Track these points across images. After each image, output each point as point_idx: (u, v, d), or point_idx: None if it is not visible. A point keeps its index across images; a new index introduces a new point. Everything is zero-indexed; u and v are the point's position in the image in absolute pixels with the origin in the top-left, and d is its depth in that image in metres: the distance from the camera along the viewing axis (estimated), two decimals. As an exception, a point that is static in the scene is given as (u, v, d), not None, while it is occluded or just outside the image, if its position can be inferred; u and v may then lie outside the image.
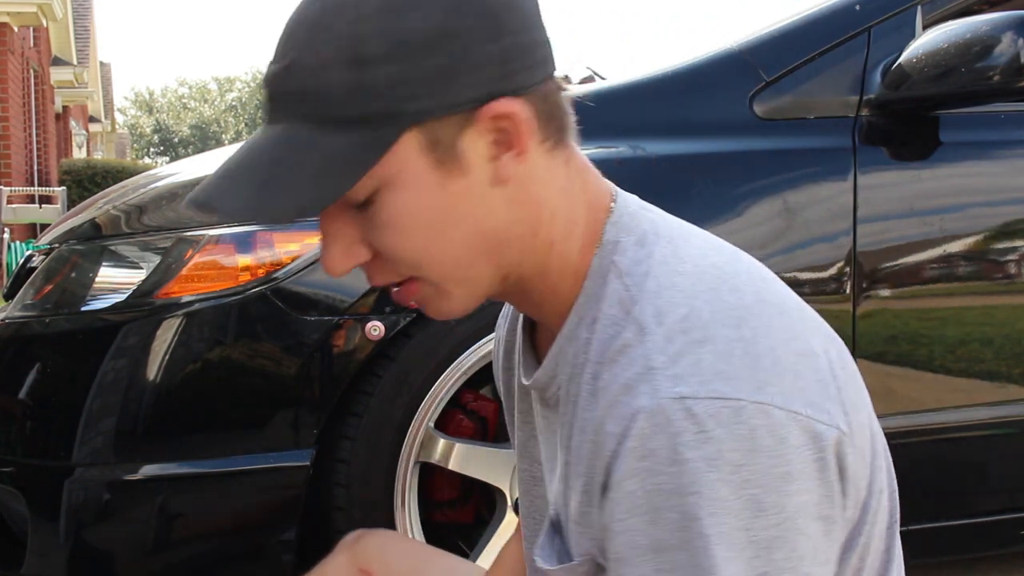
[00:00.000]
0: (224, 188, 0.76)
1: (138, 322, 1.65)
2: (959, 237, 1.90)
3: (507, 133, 0.77)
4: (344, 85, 0.74)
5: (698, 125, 1.85)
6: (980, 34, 1.75)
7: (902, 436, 1.91)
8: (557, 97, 0.82)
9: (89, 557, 1.65)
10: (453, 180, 0.77)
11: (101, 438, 1.63)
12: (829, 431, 0.73)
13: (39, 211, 11.19)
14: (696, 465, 0.70)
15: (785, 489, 0.71)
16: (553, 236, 0.82)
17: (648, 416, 0.71)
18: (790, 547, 0.71)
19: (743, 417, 0.70)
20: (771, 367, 0.73)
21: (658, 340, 0.74)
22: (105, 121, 29.33)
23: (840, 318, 1.82)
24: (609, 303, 0.79)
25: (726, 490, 0.70)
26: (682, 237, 0.83)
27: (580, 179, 0.85)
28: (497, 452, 1.78)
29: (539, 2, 0.82)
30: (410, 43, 0.73)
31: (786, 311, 0.78)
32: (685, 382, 0.71)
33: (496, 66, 0.75)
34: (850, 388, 0.79)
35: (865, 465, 0.79)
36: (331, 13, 0.75)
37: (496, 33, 0.75)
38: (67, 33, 17.16)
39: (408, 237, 0.78)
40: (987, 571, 2.31)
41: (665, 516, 0.71)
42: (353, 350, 1.65)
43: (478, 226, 0.78)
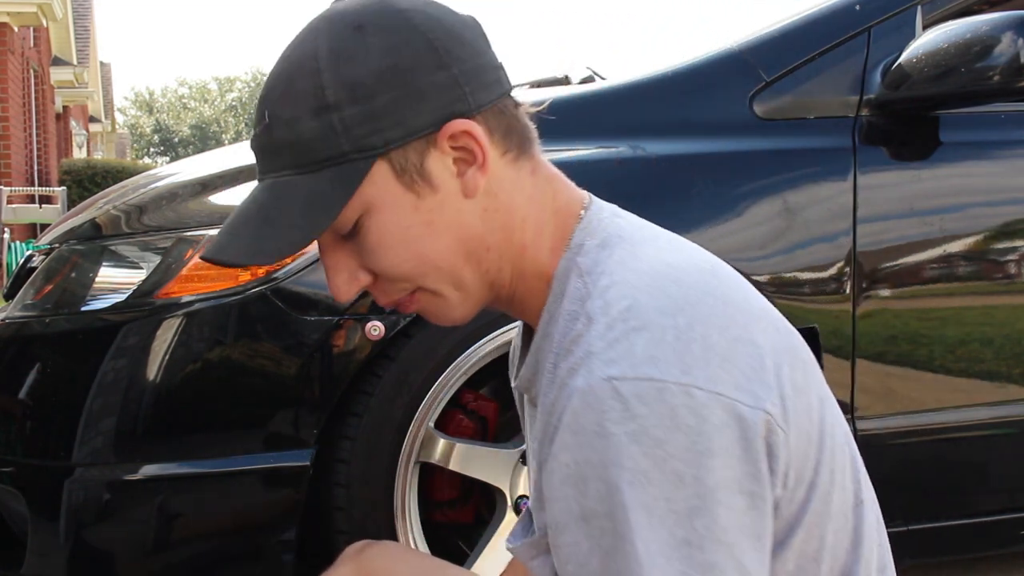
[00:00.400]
0: (226, 242, 0.87)
1: (138, 322, 1.65)
2: (959, 237, 1.90)
3: (467, 149, 0.86)
4: (313, 132, 0.84)
5: (698, 125, 1.85)
6: (980, 34, 1.75)
7: (902, 436, 1.91)
8: (515, 113, 0.91)
9: (89, 557, 1.65)
10: (426, 198, 0.86)
11: (101, 438, 1.63)
12: (755, 413, 0.78)
13: (39, 211, 11.19)
14: (620, 439, 0.76)
15: (705, 464, 0.76)
16: (525, 241, 0.90)
17: (581, 395, 0.78)
18: (710, 517, 0.76)
19: (665, 397, 0.76)
20: (700, 352, 0.79)
21: (600, 328, 0.81)
22: (105, 121, 29.33)
23: (840, 318, 1.82)
24: (569, 300, 0.87)
25: (647, 463, 0.76)
26: (646, 240, 0.90)
27: (549, 187, 0.93)
28: (497, 452, 1.78)
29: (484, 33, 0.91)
30: (363, 85, 0.83)
31: (731, 303, 0.83)
32: (617, 365, 0.78)
33: (446, 92, 0.85)
34: (797, 374, 0.84)
35: (811, 446, 0.84)
36: (294, 71, 0.85)
37: (440, 63, 0.84)
38: (67, 33, 17.16)
39: (397, 253, 0.87)
40: (987, 571, 2.31)
41: (592, 486, 0.78)
42: (353, 350, 1.65)
43: (458, 235, 0.88)
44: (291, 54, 0.87)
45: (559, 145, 1.76)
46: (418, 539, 1.76)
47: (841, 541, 0.88)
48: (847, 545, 0.89)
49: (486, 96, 0.87)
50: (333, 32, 0.85)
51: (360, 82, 0.83)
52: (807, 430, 0.83)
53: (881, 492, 1.04)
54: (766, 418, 0.79)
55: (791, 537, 0.84)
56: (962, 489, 2.01)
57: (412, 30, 0.84)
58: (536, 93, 2.00)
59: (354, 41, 0.84)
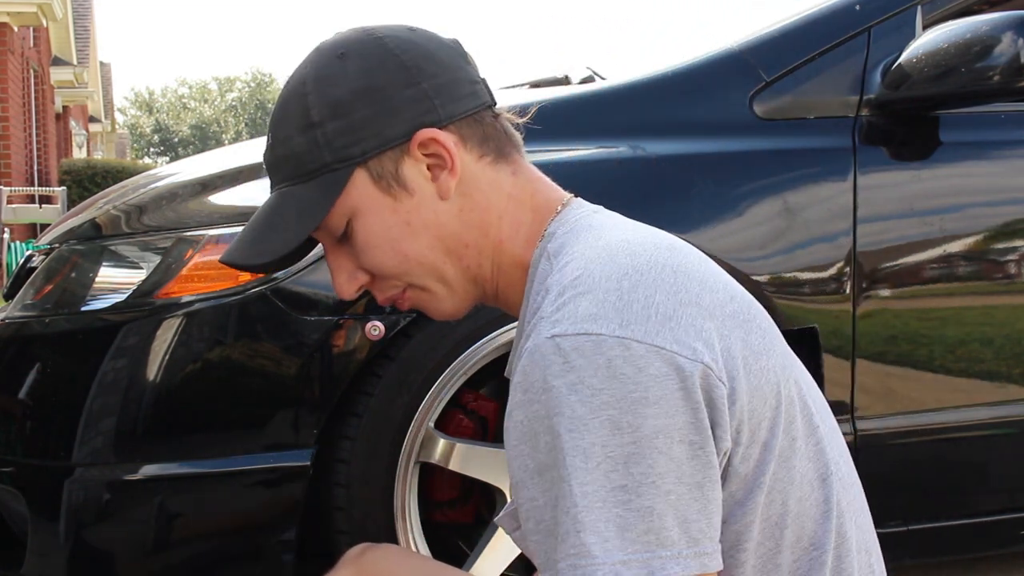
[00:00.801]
0: (235, 247, 1.01)
1: (138, 322, 1.65)
2: (959, 237, 1.90)
3: (438, 156, 0.96)
4: (303, 147, 0.96)
5: (698, 125, 1.85)
6: (980, 34, 1.75)
7: (902, 436, 1.91)
8: (492, 123, 1.00)
9: (89, 557, 1.65)
10: (403, 201, 0.97)
11: (101, 438, 1.63)
12: (693, 365, 0.81)
13: (39, 211, 11.18)
14: (560, 391, 0.81)
15: (642, 412, 0.79)
16: (501, 236, 0.99)
17: (529, 354, 0.84)
18: (647, 463, 0.79)
19: (602, 349, 0.80)
20: (640, 310, 0.83)
21: (552, 297, 0.87)
22: (105, 121, 29.33)
23: (840, 318, 1.82)
24: (539, 281, 0.94)
25: (583, 410, 0.80)
26: (613, 226, 0.95)
27: (529, 187, 1.01)
28: (497, 452, 1.78)
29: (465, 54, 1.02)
30: (343, 102, 0.95)
31: (682, 272, 0.87)
32: (560, 324, 0.83)
33: (416, 104, 0.95)
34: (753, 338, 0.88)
35: (765, 407, 0.86)
36: (288, 96, 0.99)
37: (410, 80, 0.96)
38: (67, 33, 17.15)
39: (383, 251, 0.98)
40: (987, 571, 2.31)
41: (541, 439, 0.82)
42: (353, 350, 1.65)
43: (436, 233, 0.98)
44: (288, 83, 1.00)
45: (559, 145, 1.76)
46: (418, 539, 1.76)
47: (807, 510, 0.89)
48: (815, 515, 0.90)
49: (459, 107, 0.97)
50: (320, 61, 0.98)
51: (339, 100, 0.95)
52: (763, 391, 0.86)
53: (881, 492, 1.04)
54: (704, 370, 0.81)
55: (751, 498, 0.86)
56: (962, 489, 2.01)
57: (386, 53, 0.96)
58: (535, 93, 2.00)
59: (336, 66, 0.97)
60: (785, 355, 0.93)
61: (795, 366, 0.94)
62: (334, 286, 1.02)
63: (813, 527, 0.90)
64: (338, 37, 1.01)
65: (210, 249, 1.67)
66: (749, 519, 0.86)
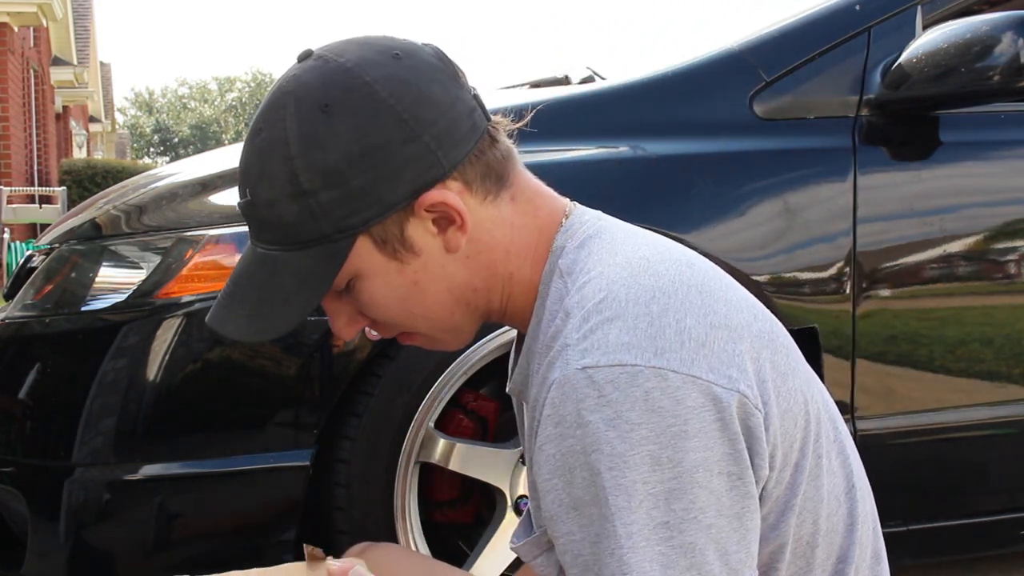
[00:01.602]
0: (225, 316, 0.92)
1: (138, 322, 1.65)
2: (959, 237, 1.90)
3: (445, 213, 0.88)
4: (293, 215, 0.87)
5: (698, 125, 1.85)
6: (980, 34, 1.75)
7: (902, 436, 1.91)
8: (491, 150, 0.91)
9: (89, 557, 1.65)
10: (409, 262, 0.90)
11: (101, 438, 1.63)
12: (729, 394, 0.79)
13: (39, 211, 11.18)
14: (597, 426, 0.78)
15: (682, 446, 0.78)
16: (510, 268, 0.93)
17: (558, 386, 0.81)
18: (688, 499, 0.78)
19: (639, 381, 0.78)
20: (674, 336, 0.80)
21: (576, 321, 0.83)
22: (105, 121, 29.32)
23: (840, 318, 1.82)
24: (552, 300, 0.90)
25: (623, 446, 0.77)
26: (625, 239, 0.91)
27: (530, 207, 0.94)
28: (497, 452, 1.78)
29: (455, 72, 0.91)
30: (337, 170, 0.85)
31: (707, 292, 0.85)
32: (590, 354, 0.80)
33: (418, 161, 0.86)
34: (779, 358, 0.86)
35: (796, 428, 0.85)
36: (267, 154, 0.87)
37: (410, 135, 0.85)
38: (67, 33, 17.15)
39: (389, 309, 0.93)
40: (987, 571, 2.31)
41: (577, 475, 0.80)
42: (353, 350, 1.65)
43: (444, 286, 0.92)
44: (263, 133, 0.88)
45: (559, 145, 1.76)
46: (418, 539, 1.76)
47: (836, 526, 0.89)
48: (842, 530, 0.90)
49: (461, 150, 0.88)
50: (301, 114, 0.85)
51: (332, 168, 0.85)
52: (793, 412, 0.84)
53: (881, 492, 1.04)
54: (741, 399, 0.80)
55: (784, 520, 0.85)
56: (962, 489, 2.01)
57: (378, 105, 0.85)
58: (536, 93, 2.00)
59: (322, 124, 0.85)
60: (807, 372, 0.91)
61: (814, 380, 0.93)
62: (332, 328, 0.98)
63: (840, 541, 0.90)
64: (314, 77, 0.87)
65: (210, 249, 1.67)
66: (782, 541, 0.86)
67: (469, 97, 0.91)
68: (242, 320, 0.91)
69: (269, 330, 0.91)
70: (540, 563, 0.95)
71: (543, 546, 0.93)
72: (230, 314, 0.92)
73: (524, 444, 1.05)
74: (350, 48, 0.89)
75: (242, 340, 0.94)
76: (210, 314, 0.93)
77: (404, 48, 0.89)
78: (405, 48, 0.89)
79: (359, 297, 0.92)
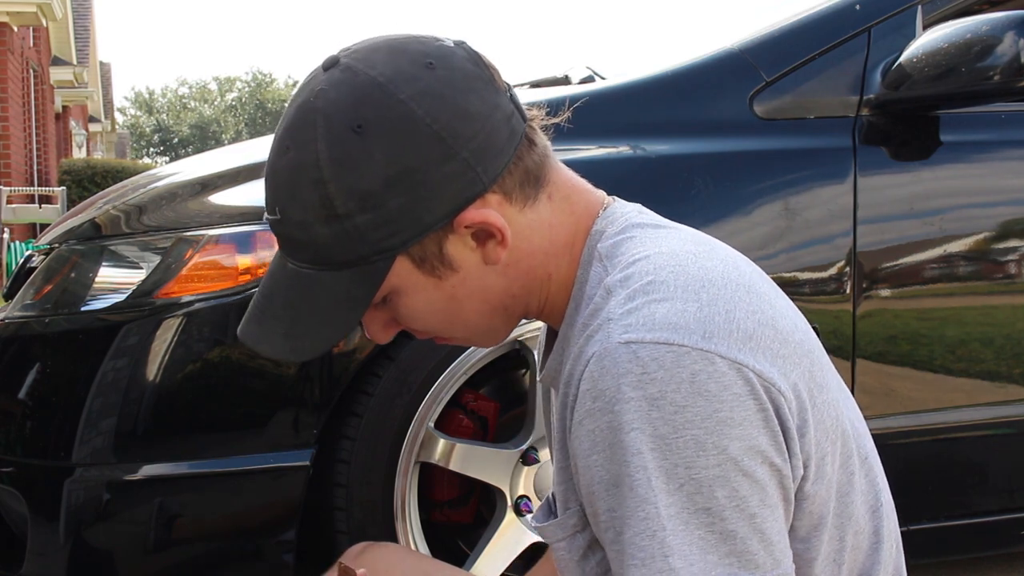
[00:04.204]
0: (259, 333, 0.89)
1: (138, 322, 1.65)
2: (959, 237, 1.90)
3: (485, 228, 0.85)
4: (328, 237, 0.83)
5: (698, 125, 1.85)
6: (980, 34, 1.75)
7: (902, 436, 1.91)
8: (530, 154, 0.88)
9: (89, 557, 1.65)
10: (448, 278, 0.87)
11: (101, 438, 1.63)
12: (771, 389, 0.78)
13: (39, 211, 11.18)
14: (639, 403, 0.76)
15: (727, 432, 0.75)
16: (549, 270, 0.91)
17: (598, 359, 0.78)
18: (732, 486, 0.76)
19: (685, 362, 0.75)
20: (723, 324, 0.78)
21: (620, 299, 0.80)
22: (105, 121, 29.32)
23: (840, 318, 1.82)
24: (591, 284, 0.87)
25: (667, 428, 0.75)
26: (668, 231, 0.89)
27: (567, 204, 0.91)
28: (497, 452, 1.78)
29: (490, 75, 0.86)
30: (373, 193, 0.81)
31: (755, 292, 0.83)
32: (635, 329, 0.77)
33: (457, 180, 0.83)
34: (816, 371, 0.84)
35: (828, 442, 0.83)
36: (297, 175, 0.83)
37: (449, 152, 0.82)
38: (67, 33, 17.15)
39: (427, 322, 0.91)
40: (987, 571, 2.31)
41: (617, 451, 0.77)
42: (353, 350, 1.65)
43: (483, 298, 0.90)
44: (291, 152, 0.84)
45: (559, 145, 1.75)
46: (418, 539, 1.76)
47: (861, 544, 0.87)
48: (866, 548, 0.88)
49: (501, 161, 0.84)
50: (332, 136, 0.81)
51: (367, 191, 0.81)
52: (826, 425, 0.83)
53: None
54: (779, 400, 0.78)
55: (816, 535, 0.83)
56: (962, 489, 2.01)
57: (414, 124, 0.81)
58: (536, 93, 2.00)
59: (356, 146, 0.81)
60: (840, 387, 0.90)
61: (847, 396, 0.92)
62: (367, 332, 0.94)
63: (863, 559, 0.89)
64: (345, 94, 0.82)
65: (210, 249, 1.67)
66: (812, 555, 0.84)
67: (507, 102, 0.86)
68: (278, 339, 0.89)
69: (306, 350, 0.89)
70: (563, 547, 0.93)
71: (568, 530, 0.91)
72: (264, 331, 0.89)
73: (552, 431, 1.03)
74: (379, 57, 0.84)
75: (278, 358, 0.92)
76: (242, 328, 0.91)
77: (437, 55, 0.84)
78: (438, 55, 0.84)
79: (397, 310, 0.90)
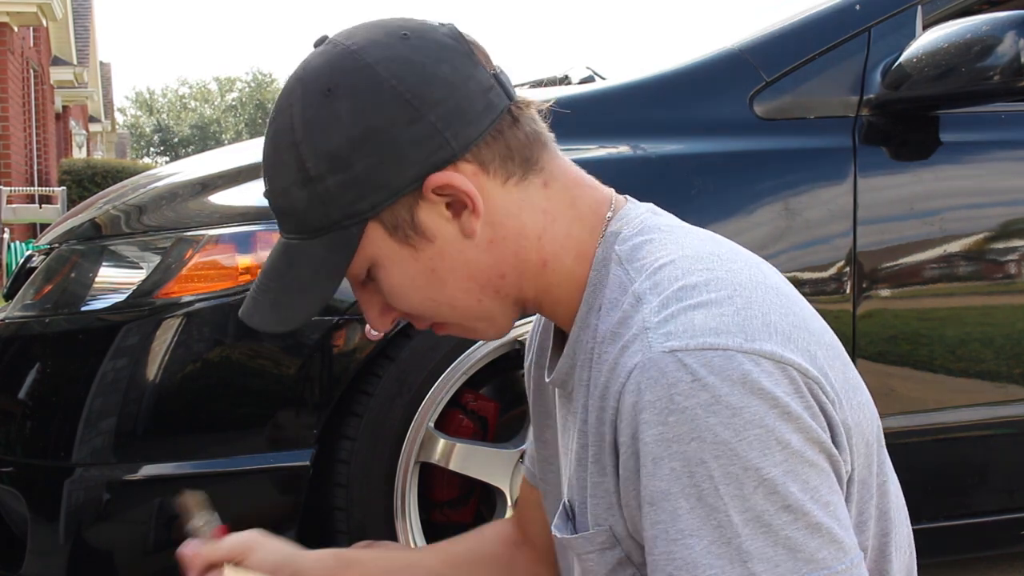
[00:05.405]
0: (252, 308, 0.91)
1: (138, 322, 1.65)
2: (959, 237, 1.90)
3: (457, 196, 0.85)
4: (304, 202, 0.86)
5: (698, 125, 1.85)
6: (980, 34, 1.75)
7: (902, 436, 1.91)
8: (513, 131, 0.88)
9: (89, 557, 1.65)
10: (424, 249, 0.87)
11: (101, 438, 1.63)
12: (814, 386, 0.76)
13: (39, 211, 11.19)
14: (694, 412, 0.73)
15: (786, 427, 0.74)
16: (544, 256, 0.89)
17: (641, 370, 0.76)
18: (803, 479, 0.74)
19: (735, 363, 0.74)
20: (761, 327, 0.76)
21: (654, 306, 0.79)
22: (105, 121, 29.33)
23: (840, 318, 1.82)
24: (611, 288, 0.85)
25: (727, 432, 0.73)
26: (687, 233, 0.87)
27: (567, 196, 0.90)
28: (497, 452, 1.78)
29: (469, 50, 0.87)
30: (340, 154, 0.83)
31: (784, 294, 0.82)
32: (676, 337, 0.75)
33: (425, 143, 0.83)
34: (849, 372, 0.83)
35: (862, 443, 0.82)
36: (277, 142, 0.87)
37: (414, 116, 0.83)
38: (67, 33, 17.15)
39: (410, 299, 0.90)
40: (987, 571, 2.31)
41: (665, 466, 0.74)
42: (353, 350, 1.65)
43: (465, 273, 0.88)
44: (274, 120, 0.88)
45: (558, 145, 1.75)
46: (418, 539, 1.76)
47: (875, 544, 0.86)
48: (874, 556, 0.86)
49: (474, 130, 0.84)
50: (306, 99, 0.85)
51: (336, 153, 0.83)
52: (862, 427, 0.82)
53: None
54: (823, 398, 0.77)
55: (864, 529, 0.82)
56: (962, 489, 2.01)
57: (379, 86, 0.83)
58: (536, 93, 2.00)
59: (325, 108, 0.84)
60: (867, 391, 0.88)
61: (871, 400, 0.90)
62: (367, 321, 0.95)
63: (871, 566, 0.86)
64: (320, 62, 0.86)
65: (210, 249, 1.67)
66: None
67: (486, 76, 0.87)
68: (267, 311, 0.90)
69: (289, 320, 0.90)
70: (591, 559, 0.90)
71: (596, 545, 0.89)
72: (256, 305, 0.91)
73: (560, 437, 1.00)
74: (359, 31, 0.87)
75: (265, 331, 0.92)
76: (242, 307, 0.93)
77: (414, 28, 0.87)
78: (415, 28, 0.87)
79: (380, 286, 0.90)
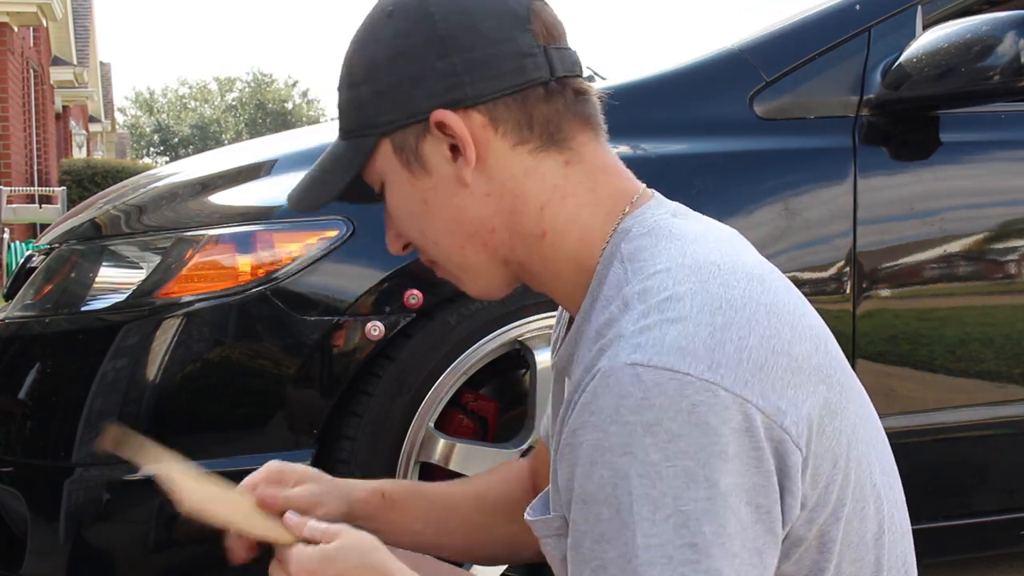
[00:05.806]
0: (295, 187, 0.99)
1: (138, 322, 1.65)
2: (959, 237, 1.90)
3: (455, 140, 0.89)
4: (346, 103, 0.95)
5: (698, 125, 1.85)
6: (980, 34, 1.75)
7: (902, 436, 1.91)
8: (541, 103, 0.91)
9: (89, 557, 1.65)
10: (421, 179, 0.92)
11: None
12: (771, 428, 0.76)
13: (39, 211, 11.19)
14: (634, 428, 0.74)
15: (719, 467, 0.74)
16: (544, 226, 0.91)
17: (602, 376, 0.77)
18: (719, 523, 0.74)
19: (687, 392, 0.74)
20: (733, 353, 0.76)
21: (635, 315, 0.80)
22: (105, 121, 29.33)
23: (840, 318, 1.82)
24: (609, 285, 0.86)
25: (658, 455, 0.74)
26: (696, 237, 0.87)
27: (588, 181, 0.92)
28: (497, 452, 1.78)
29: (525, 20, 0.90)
30: (375, 66, 0.91)
31: (776, 313, 0.80)
32: (643, 350, 0.76)
33: (442, 80, 0.88)
34: (833, 395, 0.82)
35: (836, 470, 0.81)
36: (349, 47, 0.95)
37: (444, 51, 0.88)
38: (67, 33, 17.15)
39: (406, 224, 0.95)
40: (987, 571, 2.31)
41: (597, 471, 0.76)
42: (353, 350, 1.65)
43: (454, 216, 0.92)
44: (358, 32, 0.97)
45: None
46: (418, 539, 1.76)
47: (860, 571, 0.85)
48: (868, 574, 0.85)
49: (493, 86, 0.88)
50: (373, 16, 0.94)
51: (375, 64, 0.91)
52: (833, 453, 0.80)
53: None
54: (781, 435, 0.76)
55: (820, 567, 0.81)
56: (962, 489, 2.01)
57: (424, 17, 0.89)
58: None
59: (381, 24, 0.92)
60: (859, 409, 0.87)
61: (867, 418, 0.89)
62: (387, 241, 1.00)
63: None
64: None
65: (210, 249, 1.67)
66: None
67: (531, 44, 0.90)
68: (299, 190, 0.98)
69: (306, 202, 0.97)
70: (549, 544, 0.92)
71: (554, 530, 0.91)
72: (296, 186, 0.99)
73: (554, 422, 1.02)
74: None
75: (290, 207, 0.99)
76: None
77: None
78: None
79: (386, 204, 0.96)
